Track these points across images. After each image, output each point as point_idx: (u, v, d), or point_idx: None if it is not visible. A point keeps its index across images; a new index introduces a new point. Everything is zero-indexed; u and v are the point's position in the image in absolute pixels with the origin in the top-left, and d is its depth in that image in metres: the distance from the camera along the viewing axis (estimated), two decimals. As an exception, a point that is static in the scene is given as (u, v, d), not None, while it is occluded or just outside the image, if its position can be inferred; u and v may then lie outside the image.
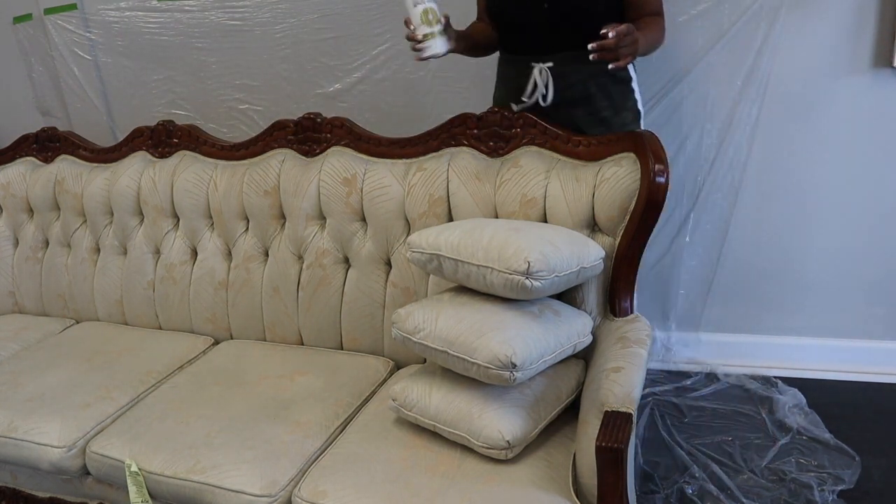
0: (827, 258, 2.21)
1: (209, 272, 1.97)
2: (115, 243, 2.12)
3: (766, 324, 2.34)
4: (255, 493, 1.35)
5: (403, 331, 1.41)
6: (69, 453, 1.57)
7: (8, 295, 2.31)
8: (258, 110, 2.50)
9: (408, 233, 1.74)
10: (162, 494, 1.46)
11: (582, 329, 1.43)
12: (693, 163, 2.20)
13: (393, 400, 1.43)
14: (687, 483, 1.85)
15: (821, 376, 2.27)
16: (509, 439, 1.27)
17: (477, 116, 1.70)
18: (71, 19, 2.55)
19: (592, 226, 1.58)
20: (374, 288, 1.78)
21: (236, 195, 1.91)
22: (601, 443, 1.13)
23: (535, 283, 1.29)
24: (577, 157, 1.60)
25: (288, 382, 1.67)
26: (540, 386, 1.38)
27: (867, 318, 2.25)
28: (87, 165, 2.17)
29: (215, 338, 2.00)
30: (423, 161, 1.74)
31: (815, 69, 2.04)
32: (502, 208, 1.64)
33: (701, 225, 2.26)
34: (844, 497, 1.77)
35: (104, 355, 1.89)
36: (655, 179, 1.45)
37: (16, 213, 2.28)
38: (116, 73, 2.61)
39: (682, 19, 2.05)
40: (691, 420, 2.12)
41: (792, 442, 1.98)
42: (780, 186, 2.18)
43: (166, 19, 2.47)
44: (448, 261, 1.40)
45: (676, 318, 2.40)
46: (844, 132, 2.08)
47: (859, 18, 1.97)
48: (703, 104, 2.13)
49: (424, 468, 1.32)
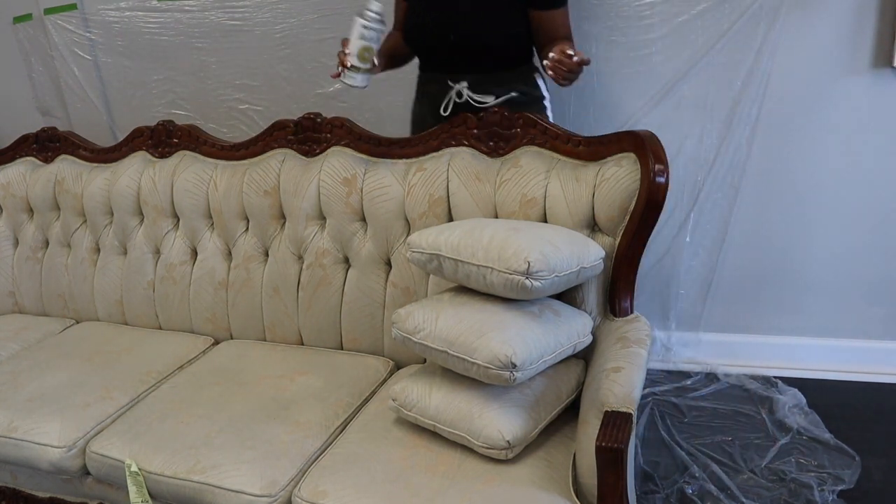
0: (827, 258, 2.22)
1: (209, 272, 1.97)
2: (115, 243, 2.12)
3: (766, 324, 2.34)
4: (255, 493, 1.35)
5: (403, 331, 1.41)
6: (69, 453, 1.57)
7: (8, 295, 2.31)
8: (258, 110, 2.50)
9: (408, 233, 1.74)
10: (162, 494, 1.46)
11: (582, 329, 1.43)
12: (693, 163, 2.20)
13: (393, 400, 1.43)
14: (687, 483, 1.85)
15: (821, 376, 2.27)
16: (509, 439, 1.27)
17: (477, 116, 1.70)
18: (71, 19, 2.55)
19: (592, 226, 1.58)
20: (374, 288, 1.78)
21: (236, 195, 1.91)
22: (601, 443, 1.13)
23: (535, 283, 1.29)
24: (577, 157, 1.60)
25: (288, 382, 1.67)
26: (540, 386, 1.38)
27: (867, 318, 2.25)
28: (87, 165, 2.17)
29: (215, 338, 2.00)
30: (423, 161, 1.74)
31: (815, 69, 2.04)
32: (502, 208, 1.64)
33: (701, 225, 2.26)
34: (844, 497, 1.78)
35: (104, 355, 1.89)
36: (655, 179, 1.45)
37: (16, 213, 2.28)
38: (116, 73, 2.61)
39: (682, 19, 2.05)
40: (691, 420, 2.12)
41: (792, 442, 1.98)
42: (780, 186, 2.18)
43: (166, 19, 2.47)
44: (448, 261, 1.40)
45: (676, 318, 2.40)
46: (844, 132, 2.08)
47: (859, 18, 1.97)
48: (703, 104, 2.13)
49: (424, 468, 1.32)
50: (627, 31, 2.10)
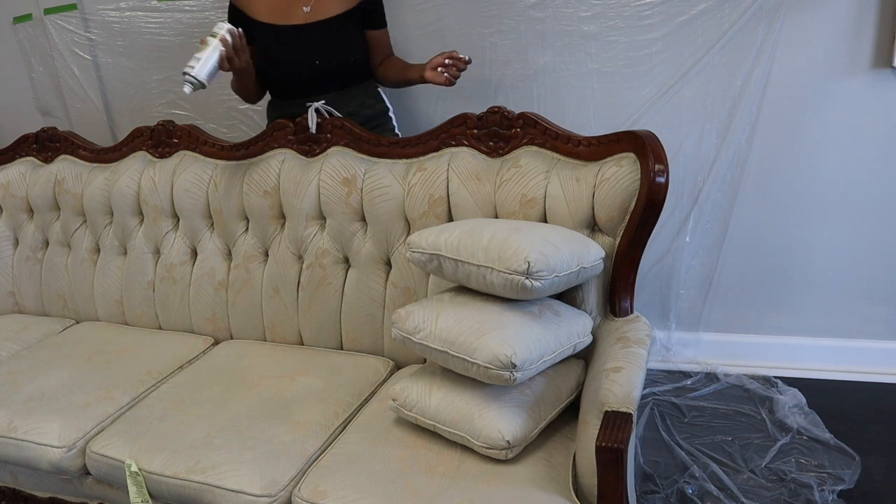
0: (827, 258, 2.22)
1: (209, 272, 1.97)
2: (115, 243, 2.12)
3: (766, 324, 2.34)
4: (255, 493, 1.35)
5: (403, 331, 1.41)
6: (69, 453, 1.57)
7: (8, 295, 2.31)
8: (258, 110, 2.49)
9: (408, 233, 1.74)
10: (162, 494, 1.46)
11: (582, 329, 1.43)
12: (693, 163, 2.19)
13: (393, 400, 1.43)
14: (687, 483, 1.85)
15: (821, 376, 2.27)
16: (509, 439, 1.27)
17: (477, 116, 1.70)
18: (71, 19, 2.55)
19: (592, 226, 1.58)
20: (374, 288, 1.78)
21: (236, 195, 1.91)
22: (601, 443, 1.13)
23: (535, 283, 1.29)
24: (577, 157, 1.60)
25: (288, 382, 1.67)
26: (540, 386, 1.38)
27: (867, 318, 2.25)
28: (87, 165, 2.17)
29: (215, 338, 2.00)
30: (423, 161, 1.74)
31: (815, 69, 2.04)
32: (502, 208, 1.64)
33: (701, 225, 2.26)
34: (844, 497, 1.78)
35: (104, 355, 1.89)
36: (655, 179, 1.45)
37: (16, 213, 2.28)
38: (116, 73, 2.61)
39: (682, 19, 2.05)
40: (691, 420, 2.12)
41: (792, 442, 1.98)
42: (780, 186, 2.18)
43: (166, 19, 2.47)
44: (448, 261, 1.40)
45: (676, 318, 2.40)
46: (844, 132, 2.08)
47: (859, 18, 1.96)
48: (703, 104, 2.13)
49: (424, 468, 1.32)
50: (627, 31, 2.10)
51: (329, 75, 1.93)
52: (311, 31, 1.89)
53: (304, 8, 1.89)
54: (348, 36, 1.93)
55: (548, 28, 2.15)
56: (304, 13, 1.89)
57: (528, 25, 2.16)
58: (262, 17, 1.91)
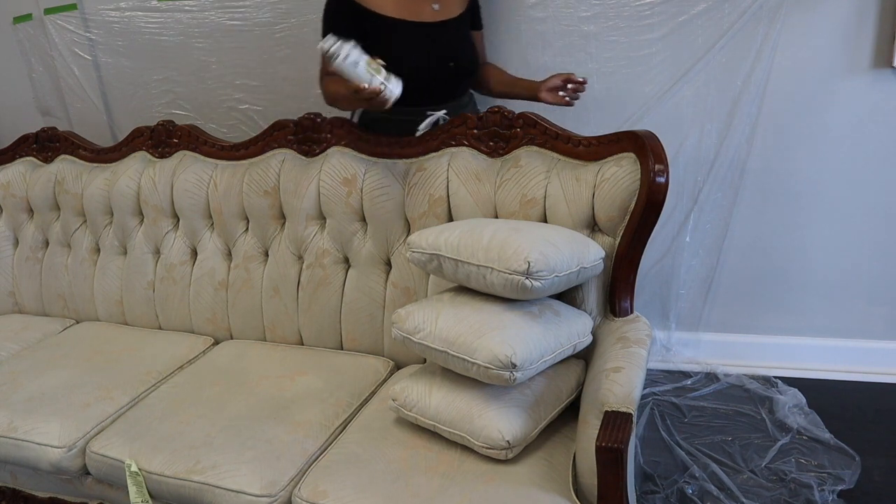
0: (827, 258, 2.22)
1: (209, 272, 1.97)
2: (115, 243, 2.12)
3: (766, 324, 2.34)
4: (255, 493, 1.35)
5: (403, 331, 1.41)
6: (69, 453, 1.57)
7: (8, 295, 2.31)
8: (258, 110, 2.49)
9: (408, 233, 1.74)
10: (162, 494, 1.46)
11: (582, 329, 1.43)
12: (693, 163, 2.19)
13: (393, 400, 1.43)
14: (687, 483, 1.85)
15: (821, 376, 2.27)
16: (509, 439, 1.27)
17: (477, 116, 1.70)
18: (71, 19, 2.55)
19: (592, 226, 1.58)
20: (374, 288, 1.78)
21: (236, 195, 1.91)
22: (601, 443, 1.13)
23: (535, 283, 1.29)
24: (577, 157, 1.60)
25: (288, 382, 1.67)
26: (540, 386, 1.38)
27: (867, 318, 2.25)
28: (87, 165, 2.17)
29: (215, 338, 2.00)
30: (423, 161, 1.74)
31: (815, 69, 2.04)
32: (502, 208, 1.64)
33: (701, 225, 2.26)
34: (844, 497, 1.78)
35: (104, 355, 1.89)
36: (655, 179, 1.45)
37: (16, 213, 2.28)
38: (116, 73, 2.61)
39: (682, 19, 2.05)
40: (691, 420, 2.12)
41: (792, 442, 1.98)
42: (780, 186, 2.18)
43: (166, 19, 2.46)
44: (448, 261, 1.40)
45: (676, 318, 2.40)
46: (844, 132, 2.08)
47: (859, 18, 1.97)
48: (703, 104, 2.13)
49: (424, 468, 1.32)
50: (627, 31, 2.10)
51: (460, 78, 1.83)
52: (442, 29, 1.78)
53: (433, 6, 1.76)
54: (470, 37, 1.85)
55: (548, 28, 2.15)
56: (434, 11, 1.76)
57: (528, 25, 2.16)
58: (387, 12, 1.73)
